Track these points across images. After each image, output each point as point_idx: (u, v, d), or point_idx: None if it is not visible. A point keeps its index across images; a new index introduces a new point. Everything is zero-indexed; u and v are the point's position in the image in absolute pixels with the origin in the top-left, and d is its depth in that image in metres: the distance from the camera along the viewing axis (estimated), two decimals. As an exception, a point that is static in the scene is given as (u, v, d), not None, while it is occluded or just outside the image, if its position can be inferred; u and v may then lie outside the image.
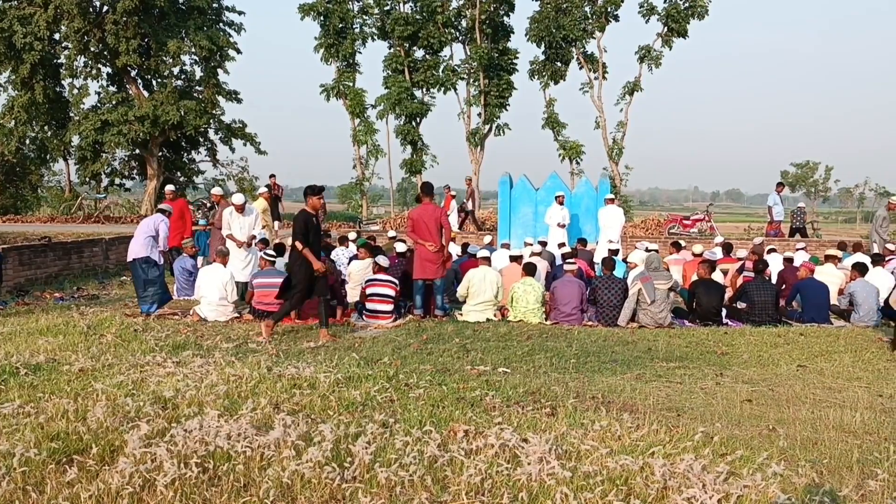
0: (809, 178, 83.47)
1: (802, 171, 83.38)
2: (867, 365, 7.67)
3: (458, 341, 8.40)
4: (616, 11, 26.62)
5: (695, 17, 25.71)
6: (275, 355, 7.31)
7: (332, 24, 27.77)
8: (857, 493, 3.90)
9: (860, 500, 3.83)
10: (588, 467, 4.03)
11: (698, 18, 25.74)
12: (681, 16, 25.59)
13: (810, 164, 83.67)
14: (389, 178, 31.00)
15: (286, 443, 4.20)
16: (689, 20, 25.81)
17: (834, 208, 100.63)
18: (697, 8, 25.50)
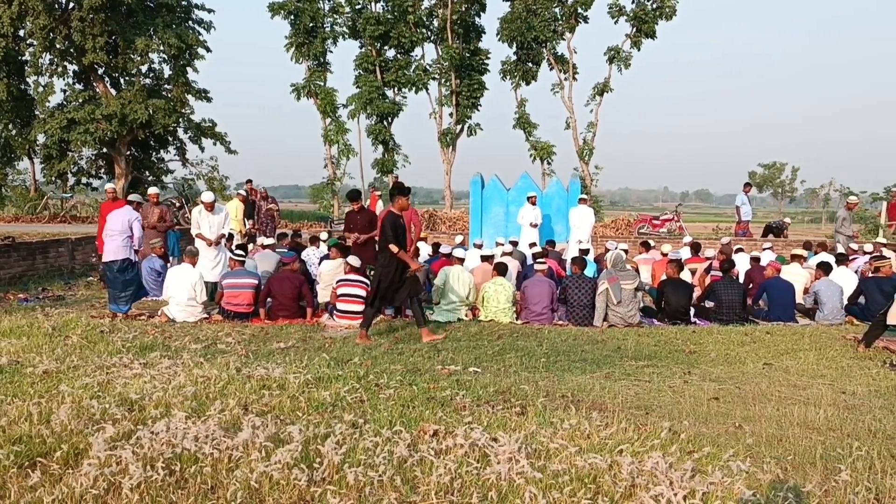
0: (776, 178, 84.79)
1: (770, 172, 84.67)
2: (831, 362, 7.80)
3: (428, 341, 8.40)
4: (586, 12, 26.87)
5: (663, 17, 26.02)
6: (244, 356, 7.25)
7: (303, 23, 27.66)
8: (820, 488, 3.96)
9: (823, 495, 3.89)
10: (557, 466, 4.05)
11: (666, 20, 26.05)
12: (649, 17, 25.88)
13: (777, 165, 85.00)
14: (361, 177, 31.01)
15: (254, 444, 4.17)
16: (658, 21, 26.10)
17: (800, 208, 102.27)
18: (665, 9, 25.81)
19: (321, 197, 32.12)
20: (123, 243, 9.95)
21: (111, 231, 10.06)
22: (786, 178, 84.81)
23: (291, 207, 51.21)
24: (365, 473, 3.87)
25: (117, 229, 10.02)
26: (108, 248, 10.03)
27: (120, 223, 10.07)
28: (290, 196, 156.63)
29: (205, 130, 28.46)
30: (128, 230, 10.04)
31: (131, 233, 10.08)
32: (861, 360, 7.96)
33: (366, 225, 10.63)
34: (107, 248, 10.08)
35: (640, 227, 23.12)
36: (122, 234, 9.97)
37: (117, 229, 10.02)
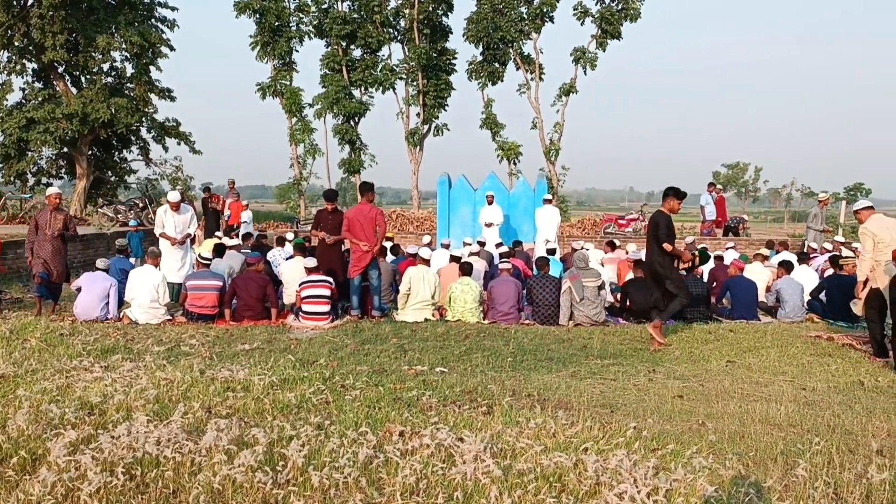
0: (740, 178, 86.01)
1: (733, 172, 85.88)
2: (792, 360, 7.93)
3: (395, 341, 8.39)
4: (552, 13, 27.01)
5: (628, 19, 26.23)
6: (208, 358, 7.17)
7: (268, 21, 27.47)
8: (780, 483, 4.01)
9: (784, 490, 3.94)
10: (522, 465, 4.05)
11: (631, 21, 26.29)
12: (614, 18, 26.09)
13: (741, 165, 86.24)
14: (328, 177, 30.88)
15: (218, 447, 4.11)
16: (623, 23, 26.31)
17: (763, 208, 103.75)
18: (630, 11, 26.03)
19: (288, 197, 31.92)
20: (100, 304, 9.72)
21: (88, 288, 9.72)
22: (749, 178, 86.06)
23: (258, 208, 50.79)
24: (330, 475, 3.83)
25: (96, 291, 9.71)
26: (81, 303, 9.73)
27: (99, 287, 9.75)
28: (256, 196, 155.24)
29: (168, 130, 28.08)
30: (105, 296, 9.77)
31: (108, 299, 9.81)
32: (821, 357, 8.10)
33: (336, 226, 10.55)
34: (79, 300, 9.76)
35: (606, 227, 23.31)
36: (100, 298, 9.73)
37: (96, 291, 9.71)
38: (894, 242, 7.95)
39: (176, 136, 28.35)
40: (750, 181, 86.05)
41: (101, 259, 10.41)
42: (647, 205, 30.26)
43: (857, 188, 67.38)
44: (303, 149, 29.14)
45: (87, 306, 9.62)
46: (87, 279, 9.79)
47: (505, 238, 16.55)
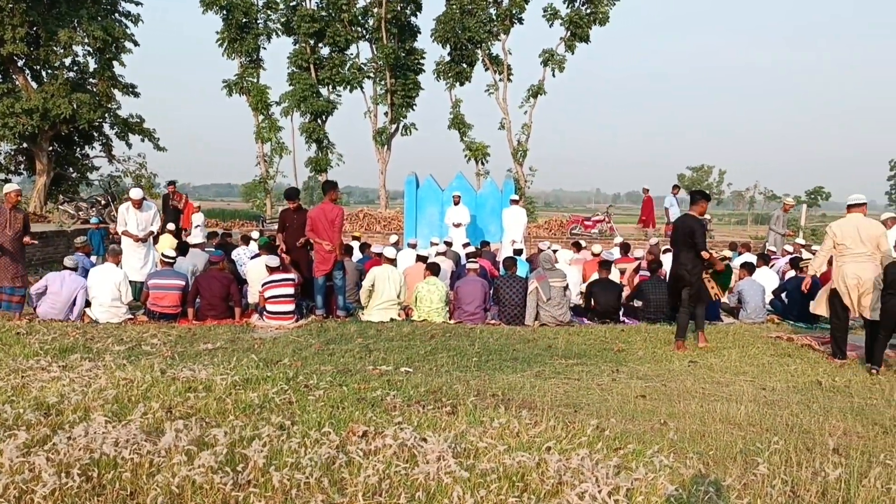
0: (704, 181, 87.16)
1: (698, 175, 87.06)
2: (753, 360, 8.05)
3: (360, 341, 8.35)
4: (520, 14, 27.06)
5: (597, 23, 26.37)
6: (169, 358, 7.07)
7: (236, 18, 27.18)
8: (739, 482, 4.06)
9: (742, 489, 3.99)
10: (485, 465, 4.05)
11: (600, 25, 26.43)
12: (583, 21, 26.22)
13: (705, 168, 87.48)
14: (294, 176, 30.63)
15: (177, 448, 4.06)
16: (591, 26, 26.47)
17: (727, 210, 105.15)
18: (599, 15, 26.18)
19: (254, 195, 31.61)
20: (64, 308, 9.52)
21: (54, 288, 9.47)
22: (713, 181, 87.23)
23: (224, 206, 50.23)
24: (291, 476, 3.80)
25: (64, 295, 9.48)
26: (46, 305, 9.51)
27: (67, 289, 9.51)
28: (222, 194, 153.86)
29: (132, 126, 27.65)
30: (71, 300, 9.56)
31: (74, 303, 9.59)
32: (781, 357, 8.24)
33: (302, 225, 10.46)
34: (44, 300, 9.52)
35: (573, 228, 23.45)
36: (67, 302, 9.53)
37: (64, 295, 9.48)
38: (855, 246, 8.05)
39: (140, 133, 27.92)
40: (714, 184, 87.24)
41: (69, 257, 10.08)
42: (612, 206, 30.51)
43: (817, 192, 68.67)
44: (269, 147, 28.89)
45: (54, 307, 9.43)
46: (55, 279, 9.53)
47: (472, 238, 16.58)
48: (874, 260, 7.99)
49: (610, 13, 26.31)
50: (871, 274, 7.94)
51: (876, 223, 8.23)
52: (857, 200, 8.36)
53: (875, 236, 7.98)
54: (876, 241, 7.97)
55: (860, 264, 8.02)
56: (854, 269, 8.05)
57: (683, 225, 8.81)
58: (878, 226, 8.20)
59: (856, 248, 8.07)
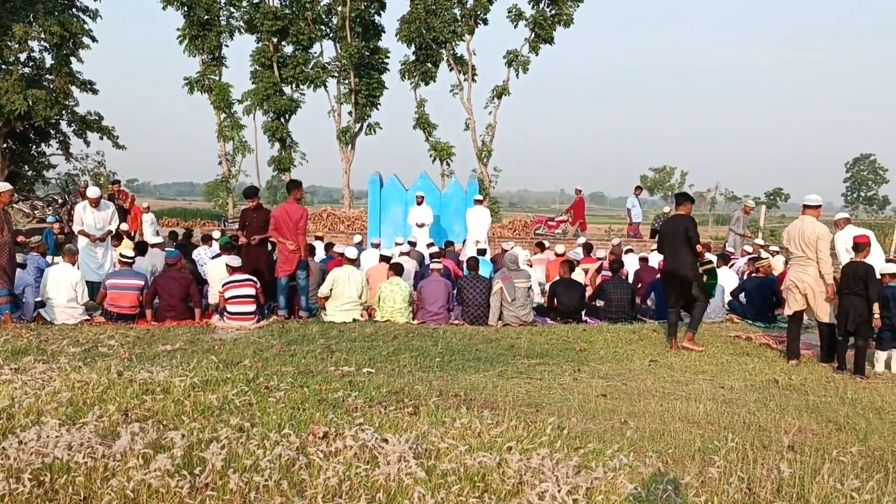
0: (666, 182, 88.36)
1: (660, 176, 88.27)
2: (712, 359, 8.16)
3: (322, 342, 8.30)
4: (485, 15, 27.13)
5: (561, 24, 26.53)
6: (127, 359, 6.95)
7: (197, 15, 26.87)
8: (697, 480, 4.11)
9: (700, 486, 4.03)
10: (446, 465, 4.04)
11: (564, 26, 26.60)
12: (547, 23, 26.36)
13: (667, 169, 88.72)
14: (257, 175, 30.36)
15: (133, 451, 3.98)
16: (556, 27, 26.62)
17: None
18: (563, 16, 26.35)
19: (216, 195, 31.28)
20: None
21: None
22: (675, 182, 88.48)
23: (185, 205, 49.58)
24: (250, 478, 3.75)
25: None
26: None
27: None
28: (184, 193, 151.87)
29: (90, 124, 27.18)
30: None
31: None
32: (739, 356, 8.37)
33: (261, 224, 10.36)
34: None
35: (537, 228, 23.56)
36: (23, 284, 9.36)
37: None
38: (797, 250, 8.18)
39: (98, 131, 27.46)
40: (676, 185, 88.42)
41: (18, 254, 9.86)
42: (576, 206, 30.66)
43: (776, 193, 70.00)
44: (232, 146, 28.62)
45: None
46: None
47: (436, 238, 16.57)
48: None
49: (574, 15, 26.51)
50: (812, 278, 8.02)
51: (818, 226, 8.17)
52: (810, 202, 8.39)
53: (812, 240, 8.03)
54: (814, 245, 8.01)
55: (801, 267, 8.15)
56: (797, 272, 8.20)
57: (679, 225, 8.85)
58: (818, 229, 8.11)
59: (797, 251, 8.19)
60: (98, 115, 27.53)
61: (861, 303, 7.70)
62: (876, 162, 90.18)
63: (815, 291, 8.01)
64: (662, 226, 9.36)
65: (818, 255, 7.98)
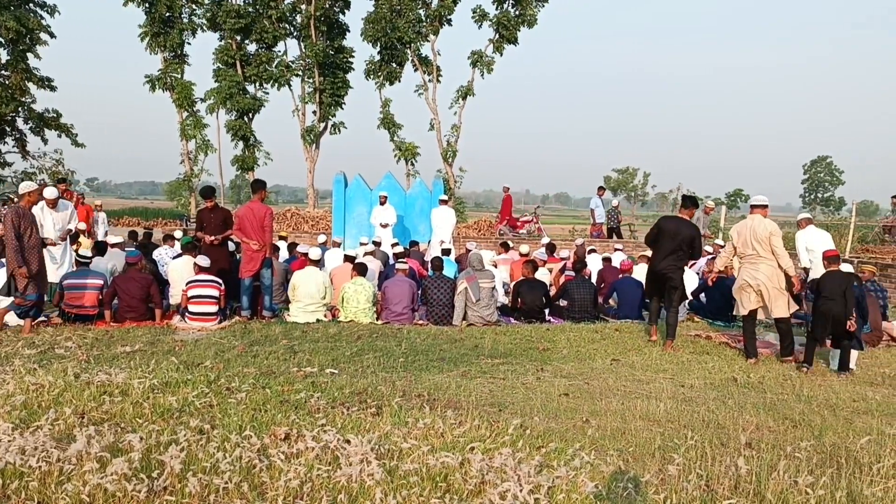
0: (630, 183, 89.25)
1: (623, 177, 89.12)
2: (672, 357, 8.27)
3: (285, 343, 8.24)
4: (449, 16, 27.14)
5: (525, 24, 26.65)
6: (84, 361, 6.83)
7: (159, 12, 26.47)
8: (657, 477, 4.16)
9: (660, 484, 4.08)
10: (409, 465, 4.04)
11: (528, 27, 26.72)
12: (511, 23, 26.45)
13: (630, 170, 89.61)
14: (220, 174, 29.99)
15: (89, 455, 3.91)
16: (520, 28, 26.73)
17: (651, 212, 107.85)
18: (527, 17, 26.46)
19: (178, 194, 30.89)
20: None
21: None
22: (638, 183, 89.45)
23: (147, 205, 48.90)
24: (209, 481, 3.72)
25: None
26: None
27: None
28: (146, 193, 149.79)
29: (48, 121, 26.65)
30: None
31: None
32: (699, 355, 8.48)
33: (220, 224, 10.25)
34: None
35: (501, 229, 23.65)
36: None
37: None
38: (748, 248, 8.34)
39: (56, 128, 26.95)
40: (639, 185, 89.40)
41: None
42: (540, 207, 30.90)
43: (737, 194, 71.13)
44: (194, 144, 28.26)
45: None
46: None
47: (401, 238, 16.55)
48: (770, 261, 8.21)
49: (538, 15, 26.64)
50: (764, 275, 8.18)
51: (768, 223, 8.34)
52: (758, 202, 8.58)
53: (765, 237, 8.20)
54: (768, 242, 8.19)
55: (753, 265, 8.31)
56: (749, 271, 8.35)
57: (682, 228, 8.84)
58: (768, 226, 8.29)
59: (748, 250, 8.35)
60: (56, 113, 27.01)
61: (839, 309, 7.86)
62: (832, 164, 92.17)
63: (769, 288, 8.16)
64: (664, 222, 9.15)
65: (774, 250, 8.15)
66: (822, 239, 10.72)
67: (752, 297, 8.32)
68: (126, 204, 55.39)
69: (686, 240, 8.78)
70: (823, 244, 10.53)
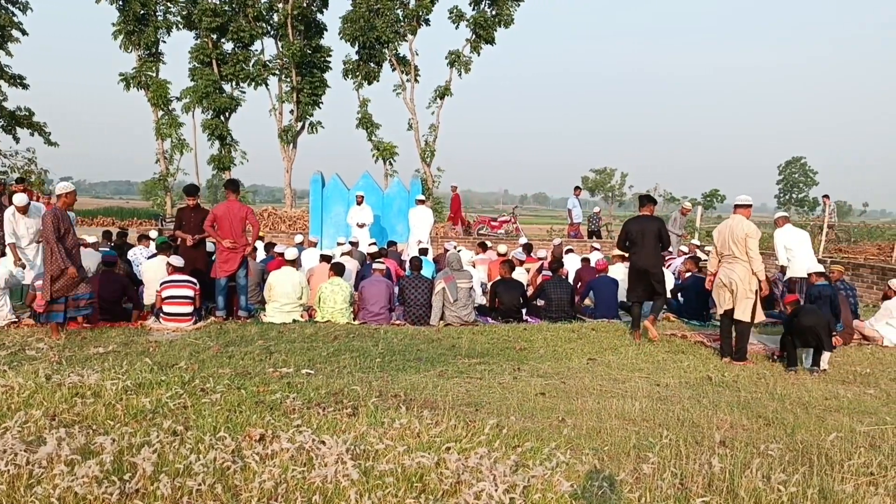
0: (607, 183, 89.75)
1: (601, 177, 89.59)
2: (648, 357, 8.31)
3: (261, 343, 8.18)
4: (427, 16, 27.17)
5: (501, 25, 26.73)
6: (56, 363, 6.73)
7: (133, 9, 26.22)
8: (632, 476, 4.18)
9: (635, 482, 4.10)
10: (384, 466, 4.03)
11: (505, 27, 26.80)
12: (488, 24, 26.52)
13: (608, 171, 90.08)
14: (196, 173, 29.79)
15: (59, 458, 3.86)
16: (497, 28, 26.80)
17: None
18: (504, 17, 26.54)
19: (154, 193, 30.62)
20: None
21: None
22: (616, 183, 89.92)
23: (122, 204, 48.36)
24: (183, 483, 3.68)
25: None
26: None
27: None
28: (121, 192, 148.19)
29: (20, 119, 26.33)
30: None
31: None
32: (675, 354, 8.53)
33: (199, 224, 10.15)
34: None
35: (479, 228, 23.70)
36: None
37: None
38: (725, 248, 8.41)
39: (29, 127, 26.63)
40: (616, 186, 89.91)
41: None
42: (518, 207, 30.98)
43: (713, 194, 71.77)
44: (170, 143, 28.03)
45: None
46: None
47: (378, 238, 16.51)
48: (745, 263, 8.25)
49: (514, 15, 26.73)
50: (737, 276, 8.24)
51: (747, 224, 8.40)
52: (741, 202, 8.66)
53: (742, 239, 8.26)
54: (744, 243, 8.25)
55: (729, 265, 8.37)
56: (724, 270, 8.42)
57: (648, 225, 9.39)
58: (746, 227, 8.34)
59: (725, 250, 8.42)
60: (28, 111, 26.69)
61: (823, 320, 7.97)
62: (806, 165, 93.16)
63: (739, 289, 8.23)
64: (629, 224, 9.61)
65: (748, 252, 8.20)
66: (800, 238, 10.82)
67: (726, 296, 8.39)
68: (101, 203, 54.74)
69: (654, 233, 9.32)
70: (801, 243, 10.59)
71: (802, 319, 7.97)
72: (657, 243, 9.34)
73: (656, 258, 9.43)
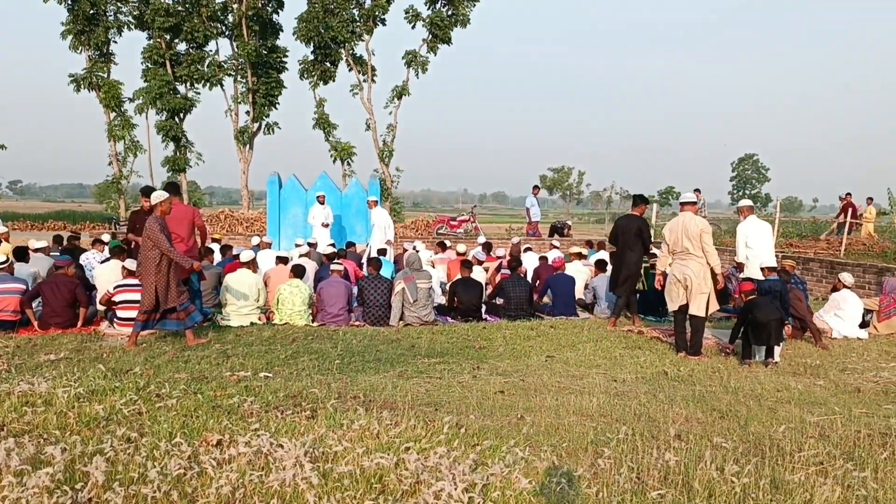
0: (565, 181, 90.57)
1: (559, 176, 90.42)
2: (606, 353, 8.41)
3: (218, 347, 8.10)
4: (383, 16, 27.11)
5: (458, 25, 26.78)
6: (5, 370, 6.57)
7: (82, 9, 25.69)
8: (590, 471, 4.22)
9: (592, 477, 4.14)
10: (343, 468, 4.01)
11: (461, 27, 26.87)
12: (444, 23, 26.55)
13: (565, 169, 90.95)
14: (150, 175, 29.29)
15: (8, 468, 3.77)
16: (453, 28, 26.85)
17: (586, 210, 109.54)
18: (460, 17, 26.61)
19: (107, 196, 30.04)
20: None
21: None
22: (573, 182, 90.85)
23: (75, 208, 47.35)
24: (137, 491, 3.62)
25: None
26: None
27: None
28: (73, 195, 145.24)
29: (-34, 122, 25.62)
30: None
31: None
32: (632, 350, 8.65)
33: None
34: None
35: (439, 228, 23.73)
36: None
37: None
38: (679, 245, 8.54)
39: (-25, 129, 25.88)
40: (574, 184, 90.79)
41: None
42: (477, 206, 31.08)
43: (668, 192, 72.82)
44: (123, 145, 27.55)
45: None
46: None
47: (337, 239, 16.43)
48: (700, 258, 8.41)
49: (470, 15, 26.82)
50: (692, 272, 8.39)
51: (699, 220, 8.57)
52: (686, 199, 8.88)
53: (697, 235, 8.42)
54: (699, 239, 8.41)
55: (683, 262, 8.52)
56: (679, 267, 8.56)
57: (633, 224, 10.16)
58: (700, 223, 8.52)
59: (678, 247, 8.57)
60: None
61: (778, 314, 8.17)
62: (759, 161, 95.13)
63: (694, 284, 8.37)
64: (619, 221, 10.51)
65: (704, 248, 8.36)
66: (762, 233, 10.60)
67: (680, 292, 8.52)
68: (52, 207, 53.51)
69: (634, 231, 10.05)
70: (762, 237, 10.51)
71: (758, 314, 8.14)
72: (637, 240, 10.04)
73: (635, 255, 10.12)
